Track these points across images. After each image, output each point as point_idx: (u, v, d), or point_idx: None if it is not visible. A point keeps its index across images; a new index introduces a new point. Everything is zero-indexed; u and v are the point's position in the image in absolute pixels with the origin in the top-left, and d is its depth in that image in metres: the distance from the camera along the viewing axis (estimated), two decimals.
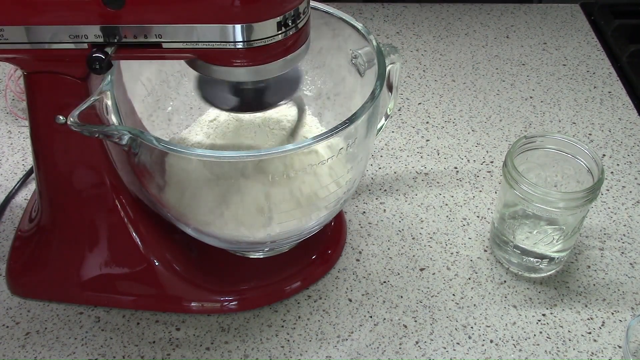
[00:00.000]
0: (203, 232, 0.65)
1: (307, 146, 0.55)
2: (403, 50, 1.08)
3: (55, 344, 0.67)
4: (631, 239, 0.79)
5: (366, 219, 0.80)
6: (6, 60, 0.57)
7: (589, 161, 0.70)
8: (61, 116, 0.59)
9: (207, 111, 0.76)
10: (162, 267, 0.69)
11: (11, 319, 0.69)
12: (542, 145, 0.73)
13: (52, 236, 0.69)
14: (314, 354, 0.67)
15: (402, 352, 0.67)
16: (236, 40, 0.52)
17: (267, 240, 0.66)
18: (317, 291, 0.72)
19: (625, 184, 0.86)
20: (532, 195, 0.67)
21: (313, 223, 0.66)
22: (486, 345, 0.68)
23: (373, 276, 0.74)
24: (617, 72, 1.04)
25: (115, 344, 0.67)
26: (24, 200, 0.81)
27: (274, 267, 0.73)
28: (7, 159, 0.86)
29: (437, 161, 0.88)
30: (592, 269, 0.75)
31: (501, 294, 0.72)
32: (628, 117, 0.96)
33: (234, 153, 0.62)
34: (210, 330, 0.68)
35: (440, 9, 1.18)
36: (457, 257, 0.76)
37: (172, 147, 0.54)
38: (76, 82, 0.58)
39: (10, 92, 0.92)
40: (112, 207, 0.66)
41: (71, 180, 0.65)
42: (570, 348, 0.68)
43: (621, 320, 0.70)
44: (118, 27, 0.52)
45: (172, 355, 0.66)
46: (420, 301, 0.71)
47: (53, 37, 0.53)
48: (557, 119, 0.95)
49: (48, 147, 0.63)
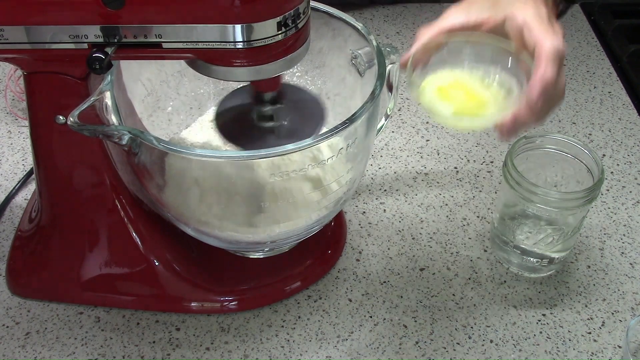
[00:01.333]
0: (203, 232, 0.65)
1: (307, 146, 0.55)
2: (403, 50, 1.07)
3: (55, 344, 0.67)
4: (631, 239, 0.79)
5: (366, 219, 0.80)
6: (6, 60, 0.57)
7: (589, 161, 0.70)
8: (61, 116, 0.59)
9: (207, 111, 0.76)
10: (162, 267, 0.69)
11: (11, 319, 0.69)
12: (542, 145, 0.73)
13: (52, 236, 0.69)
14: (314, 354, 0.67)
15: (402, 352, 0.67)
16: (236, 40, 0.52)
17: (267, 240, 0.66)
18: (317, 291, 0.72)
19: (625, 184, 0.86)
20: (532, 195, 0.67)
21: (313, 223, 0.66)
22: (486, 345, 0.68)
23: (373, 276, 0.74)
24: (617, 72, 1.04)
25: (115, 344, 0.67)
26: (24, 200, 0.81)
27: (274, 267, 0.73)
28: (7, 159, 0.86)
29: (437, 161, 0.88)
30: (592, 269, 0.75)
31: (501, 294, 0.72)
32: (628, 117, 0.96)
33: (234, 153, 0.62)
34: (210, 330, 0.68)
35: (440, 9, 1.17)
36: (457, 257, 0.76)
37: (172, 147, 0.54)
38: (76, 82, 0.58)
39: (10, 92, 0.92)
40: (112, 207, 0.66)
41: (71, 180, 0.65)
42: (570, 348, 0.68)
43: (621, 320, 0.70)
44: (118, 27, 0.52)
45: (172, 355, 0.66)
46: (420, 301, 0.71)
47: (53, 37, 0.53)
48: (557, 119, 0.95)
49: (48, 147, 0.63)
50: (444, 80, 0.58)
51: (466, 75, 0.59)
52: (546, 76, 0.53)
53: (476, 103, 0.57)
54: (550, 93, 0.53)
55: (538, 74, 0.53)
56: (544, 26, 0.54)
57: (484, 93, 0.57)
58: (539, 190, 0.66)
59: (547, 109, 0.55)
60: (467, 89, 0.58)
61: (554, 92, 0.54)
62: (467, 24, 0.58)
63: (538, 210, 0.68)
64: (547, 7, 0.57)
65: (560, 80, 0.55)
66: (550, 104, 0.55)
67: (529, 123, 0.54)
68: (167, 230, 0.69)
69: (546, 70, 0.53)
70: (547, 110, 0.56)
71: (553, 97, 0.55)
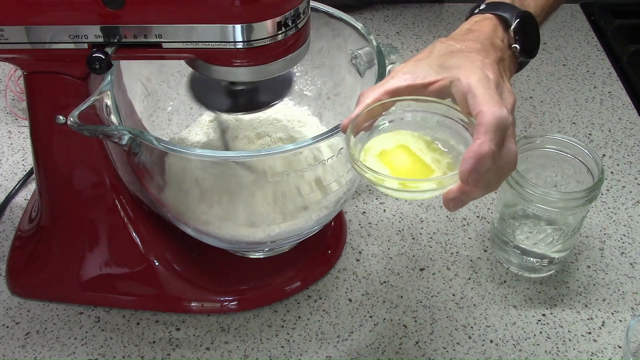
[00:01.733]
0: (203, 232, 0.65)
1: (307, 146, 0.55)
2: (403, 50, 1.08)
3: (55, 344, 0.67)
4: (631, 239, 0.79)
5: (366, 219, 0.80)
6: (6, 60, 0.57)
7: (589, 161, 0.70)
8: (61, 116, 0.59)
9: (207, 111, 0.76)
10: (162, 267, 0.69)
11: (11, 319, 0.69)
12: (542, 145, 0.73)
13: (52, 236, 0.69)
14: (314, 354, 0.67)
15: (402, 352, 0.67)
16: (236, 40, 0.52)
17: (267, 240, 0.66)
18: (317, 291, 0.72)
19: (625, 184, 0.86)
20: (532, 195, 0.67)
21: (313, 223, 0.66)
22: (486, 345, 0.68)
23: (373, 276, 0.74)
24: (617, 72, 1.04)
25: (115, 344, 0.67)
26: (24, 200, 0.81)
27: (274, 267, 0.73)
28: (7, 159, 0.86)
29: None
30: (592, 269, 0.75)
31: (501, 294, 0.72)
32: (628, 117, 0.96)
33: (234, 153, 0.62)
34: (210, 330, 0.68)
35: (440, 9, 1.18)
36: (457, 257, 0.76)
37: (172, 147, 0.54)
38: (76, 82, 0.58)
39: (10, 92, 0.92)
40: (112, 207, 0.66)
41: (71, 180, 0.65)
42: (570, 348, 0.68)
43: (621, 320, 0.70)
44: (118, 27, 0.52)
45: (172, 355, 0.66)
46: (420, 301, 0.71)
47: (53, 37, 0.53)
48: (557, 119, 0.95)
49: (48, 147, 0.63)
50: (387, 144, 0.54)
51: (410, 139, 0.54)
52: (481, 150, 0.48)
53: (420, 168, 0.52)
54: (487, 166, 0.48)
55: (472, 147, 0.48)
56: (489, 92, 0.50)
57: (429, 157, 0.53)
58: (539, 190, 0.66)
59: (488, 181, 0.50)
60: (411, 154, 0.53)
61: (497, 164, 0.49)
62: (413, 85, 0.53)
63: (538, 210, 0.68)
64: (498, 69, 0.53)
65: (506, 150, 0.50)
66: (498, 175, 0.51)
67: (473, 196, 0.50)
68: (167, 230, 0.69)
69: (482, 143, 0.48)
70: (494, 182, 0.51)
71: (500, 168, 0.50)
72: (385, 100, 0.53)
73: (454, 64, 0.53)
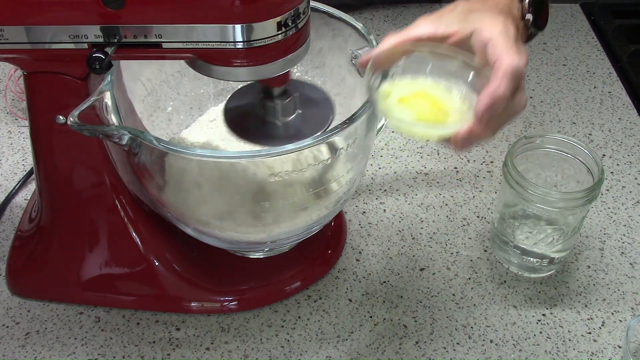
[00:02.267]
0: (203, 232, 0.65)
1: (307, 146, 0.55)
2: None
3: (55, 344, 0.67)
4: (631, 239, 0.79)
5: (366, 219, 0.80)
6: (6, 60, 0.57)
7: (589, 161, 0.70)
8: (61, 116, 0.59)
9: (207, 111, 0.76)
10: (162, 267, 0.69)
11: (11, 319, 0.69)
12: (542, 145, 0.73)
13: (52, 236, 0.69)
14: (314, 354, 0.67)
15: (402, 352, 0.67)
16: (236, 41, 0.52)
17: (267, 240, 0.66)
18: (317, 291, 0.72)
19: (625, 184, 0.86)
20: (532, 195, 0.67)
21: (313, 223, 0.66)
22: (486, 345, 0.68)
23: (373, 276, 0.74)
24: (617, 72, 1.04)
25: (115, 344, 0.67)
26: (24, 200, 0.81)
27: (274, 267, 0.73)
28: (7, 159, 0.86)
29: (437, 161, 0.88)
30: (592, 269, 0.75)
31: (501, 294, 0.72)
32: (628, 117, 0.96)
33: (234, 153, 0.62)
34: (210, 330, 0.68)
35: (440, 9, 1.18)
36: (457, 257, 0.76)
37: (172, 147, 0.54)
38: (76, 82, 0.58)
39: (10, 92, 0.92)
40: (112, 207, 0.66)
41: (71, 180, 0.65)
42: (570, 348, 0.68)
43: (621, 320, 0.70)
44: (118, 27, 0.52)
45: (172, 355, 0.66)
46: (420, 301, 0.71)
47: (53, 37, 0.53)
48: (557, 119, 0.95)
49: (48, 147, 0.63)
50: (407, 89, 0.58)
51: (430, 85, 0.58)
52: (497, 92, 0.51)
53: (439, 112, 0.56)
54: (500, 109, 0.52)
55: (489, 88, 0.52)
56: (509, 44, 0.53)
57: (448, 103, 0.56)
58: (539, 190, 0.66)
59: (497, 124, 0.54)
60: (431, 98, 0.57)
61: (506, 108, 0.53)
62: (434, 35, 0.57)
63: (538, 210, 0.68)
64: (516, 28, 0.56)
65: (517, 99, 0.54)
66: (502, 119, 0.54)
67: (481, 137, 0.53)
68: (167, 230, 0.69)
69: (499, 86, 0.51)
70: (497, 125, 0.54)
71: (508, 112, 0.54)
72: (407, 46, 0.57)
73: (477, 17, 0.56)
